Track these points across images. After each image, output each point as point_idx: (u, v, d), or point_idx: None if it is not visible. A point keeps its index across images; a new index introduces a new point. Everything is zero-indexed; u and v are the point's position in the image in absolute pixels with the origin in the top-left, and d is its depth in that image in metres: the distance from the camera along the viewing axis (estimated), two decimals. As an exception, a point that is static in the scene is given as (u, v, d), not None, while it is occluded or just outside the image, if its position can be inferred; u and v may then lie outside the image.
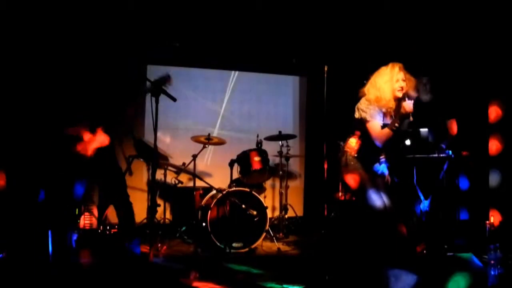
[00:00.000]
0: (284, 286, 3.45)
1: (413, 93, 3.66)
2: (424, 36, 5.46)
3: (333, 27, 5.81)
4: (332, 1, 5.36)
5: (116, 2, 5.17)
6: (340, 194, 5.30)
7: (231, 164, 5.04)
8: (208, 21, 5.71)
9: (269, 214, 4.77)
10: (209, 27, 5.82)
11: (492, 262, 3.28)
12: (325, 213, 4.14)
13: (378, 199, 3.57)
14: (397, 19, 5.47)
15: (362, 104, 3.60)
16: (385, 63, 3.77)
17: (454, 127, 4.72)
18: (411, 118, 3.53)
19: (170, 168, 5.32)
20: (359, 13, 5.51)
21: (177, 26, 5.75)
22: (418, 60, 5.48)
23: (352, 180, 3.63)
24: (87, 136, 4.23)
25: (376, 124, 3.53)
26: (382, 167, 3.73)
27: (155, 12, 5.46)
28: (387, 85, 3.54)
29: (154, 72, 5.84)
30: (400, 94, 3.54)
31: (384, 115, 3.61)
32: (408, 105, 3.49)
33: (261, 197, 4.76)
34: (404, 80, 3.59)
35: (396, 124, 3.49)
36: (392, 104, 3.55)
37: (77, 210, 4.50)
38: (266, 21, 5.73)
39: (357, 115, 3.62)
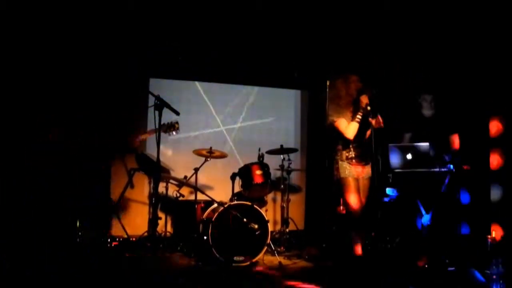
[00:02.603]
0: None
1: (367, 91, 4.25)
2: (426, 51, 5.50)
3: (335, 41, 5.86)
4: (334, 16, 5.42)
5: (119, 14, 5.22)
6: (341, 208, 5.30)
7: (232, 177, 5.04)
8: (210, 35, 5.76)
9: (271, 228, 4.75)
10: (211, 41, 5.87)
11: (494, 277, 3.27)
12: (326, 227, 4.14)
13: (356, 203, 4.14)
14: (399, 34, 5.52)
15: (328, 111, 4.29)
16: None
17: (456, 141, 4.75)
18: (368, 108, 4.07)
19: (171, 181, 5.33)
20: (360, 28, 5.56)
21: (180, 39, 5.80)
22: (420, 75, 5.54)
23: (342, 186, 4.23)
24: None
25: (342, 121, 4.19)
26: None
27: (159, 26, 5.52)
28: (346, 86, 4.23)
29: (157, 85, 5.93)
30: (352, 87, 4.21)
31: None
32: (364, 98, 4.12)
33: (262, 211, 4.75)
34: (359, 82, 4.26)
35: (359, 116, 4.13)
36: (350, 102, 4.21)
37: (78, 222, 4.50)
38: (269, 35, 5.78)
39: (327, 121, 4.27)
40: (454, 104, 5.07)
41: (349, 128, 4.16)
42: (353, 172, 4.20)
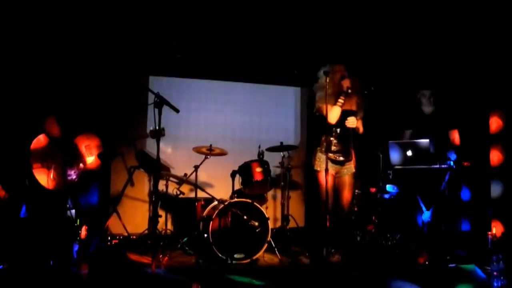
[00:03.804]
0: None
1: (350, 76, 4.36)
2: (425, 48, 5.49)
3: (334, 39, 5.85)
4: (333, 13, 5.41)
5: (118, 14, 5.21)
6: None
7: (232, 175, 5.04)
8: (209, 33, 5.75)
9: (271, 225, 4.75)
10: (211, 38, 5.86)
11: (495, 273, 3.28)
12: (327, 224, 4.13)
13: (329, 204, 4.19)
14: (398, 30, 5.51)
15: (316, 100, 4.38)
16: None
17: (456, 137, 4.74)
18: (349, 91, 4.24)
19: (171, 179, 5.32)
20: (359, 25, 5.55)
21: (179, 37, 5.79)
22: (419, 71, 5.53)
23: (316, 181, 4.33)
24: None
25: (325, 106, 4.20)
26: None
27: (158, 24, 5.50)
28: (330, 77, 4.23)
29: (156, 83, 5.92)
30: (338, 76, 4.29)
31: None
32: (345, 81, 4.25)
33: (262, 208, 4.74)
34: (344, 71, 4.34)
35: (340, 100, 4.23)
36: (336, 90, 4.27)
37: (78, 220, 4.50)
38: (268, 32, 5.77)
39: (314, 110, 4.41)
40: (454, 100, 5.07)
41: (331, 112, 4.23)
42: (332, 167, 4.23)
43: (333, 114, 4.25)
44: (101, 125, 5.07)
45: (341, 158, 4.30)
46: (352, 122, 4.26)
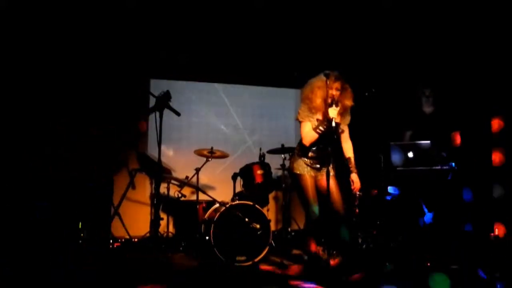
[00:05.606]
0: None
1: (348, 102, 3.88)
2: (427, 48, 5.50)
3: (334, 41, 5.86)
4: (332, 15, 5.42)
5: (120, 18, 5.23)
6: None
7: (234, 177, 5.04)
8: (210, 36, 5.77)
9: (272, 227, 4.75)
10: (212, 42, 5.87)
11: (497, 274, 3.27)
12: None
13: (315, 206, 3.92)
14: (399, 31, 5.52)
15: (300, 106, 3.94)
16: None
17: (457, 138, 4.73)
18: (333, 124, 3.69)
19: (173, 181, 5.33)
20: (359, 27, 5.56)
21: (181, 41, 5.80)
22: (421, 72, 5.53)
23: (298, 184, 3.99)
24: None
25: (306, 125, 3.87)
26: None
27: (159, 27, 5.52)
28: (320, 90, 3.77)
29: (157, 86, 5.93)
30: (329, 100, 3.74)
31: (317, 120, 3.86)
32: (331, 111, 3.70)
33: (264, 210, 4.74)
34: (338, 89, 3.81)
35: (321, 128, 3.75)
36: (321, 108, 3.80)
37: (80, 223, 4.50)
38: (268, 35, 5.78)
39: (295, 116, 3.98)
40: (455, 101, 5.07)
41: (308, 135, 3.87)
42: (311, 171, 4.03)
43: (309, 138, 3.86)
44: (102, 128, 5.08)
45: (317, 166, 4.02)
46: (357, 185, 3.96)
